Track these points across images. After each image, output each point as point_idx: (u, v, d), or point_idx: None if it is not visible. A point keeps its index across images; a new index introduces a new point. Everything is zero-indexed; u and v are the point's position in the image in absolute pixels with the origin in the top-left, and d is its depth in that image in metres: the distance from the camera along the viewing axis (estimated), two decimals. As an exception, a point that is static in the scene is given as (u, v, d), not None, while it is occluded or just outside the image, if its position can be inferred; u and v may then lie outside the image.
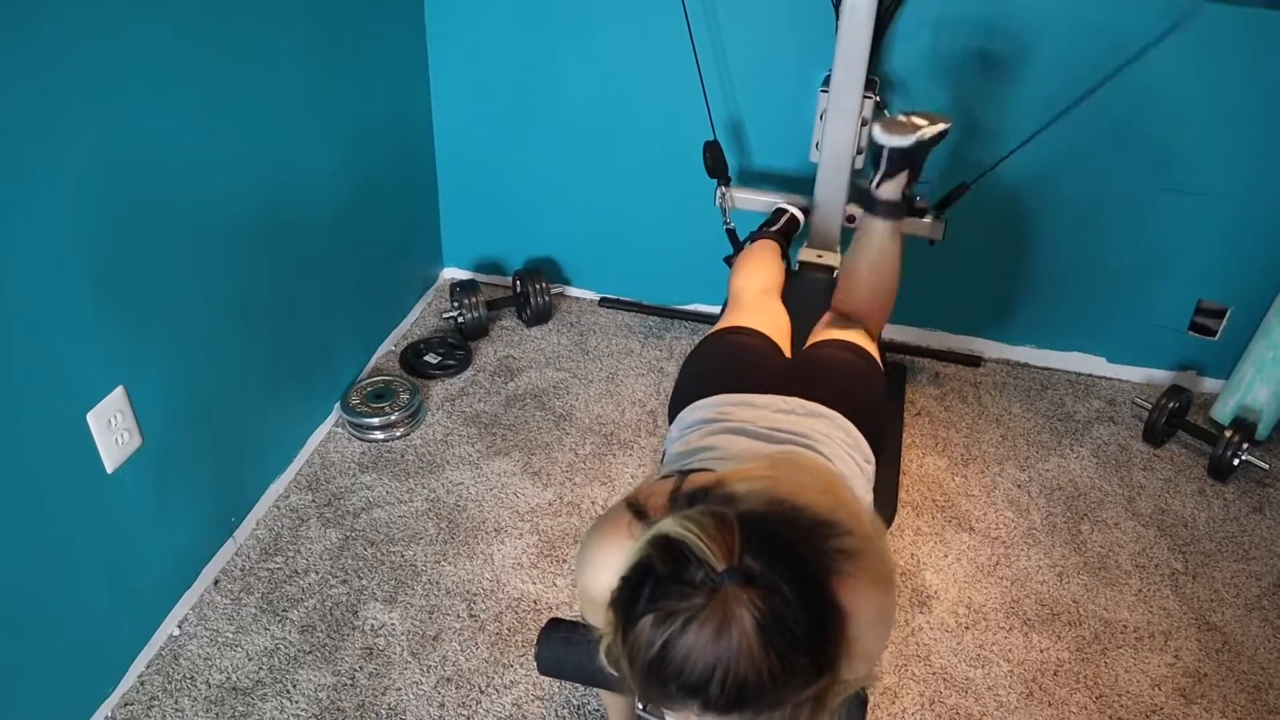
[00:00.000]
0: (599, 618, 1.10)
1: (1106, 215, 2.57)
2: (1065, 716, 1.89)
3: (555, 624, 1.31)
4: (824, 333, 1.80)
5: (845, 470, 1.39)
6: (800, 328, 1.88)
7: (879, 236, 1.78)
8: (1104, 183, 2.52)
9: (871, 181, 1.81)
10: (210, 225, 1.89)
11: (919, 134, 1.74)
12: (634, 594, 0.95)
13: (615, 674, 1.09)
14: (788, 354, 1.77)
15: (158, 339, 1.80)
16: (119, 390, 1.70)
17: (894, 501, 2.30)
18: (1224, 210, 2.50)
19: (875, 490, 1.52)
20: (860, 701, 1.23)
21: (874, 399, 1.62)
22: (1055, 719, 1.89)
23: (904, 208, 1.80)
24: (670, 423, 1.59)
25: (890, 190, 1.78)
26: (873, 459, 1.50)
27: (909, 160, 1.77)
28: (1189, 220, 2.53)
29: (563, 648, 1.28)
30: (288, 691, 1.85)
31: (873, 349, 1.75)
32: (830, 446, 1.40)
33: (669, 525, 0.96)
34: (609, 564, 1.03)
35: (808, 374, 1.62)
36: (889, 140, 1.75)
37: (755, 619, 0.90)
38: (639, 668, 0.94)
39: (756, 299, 1.93)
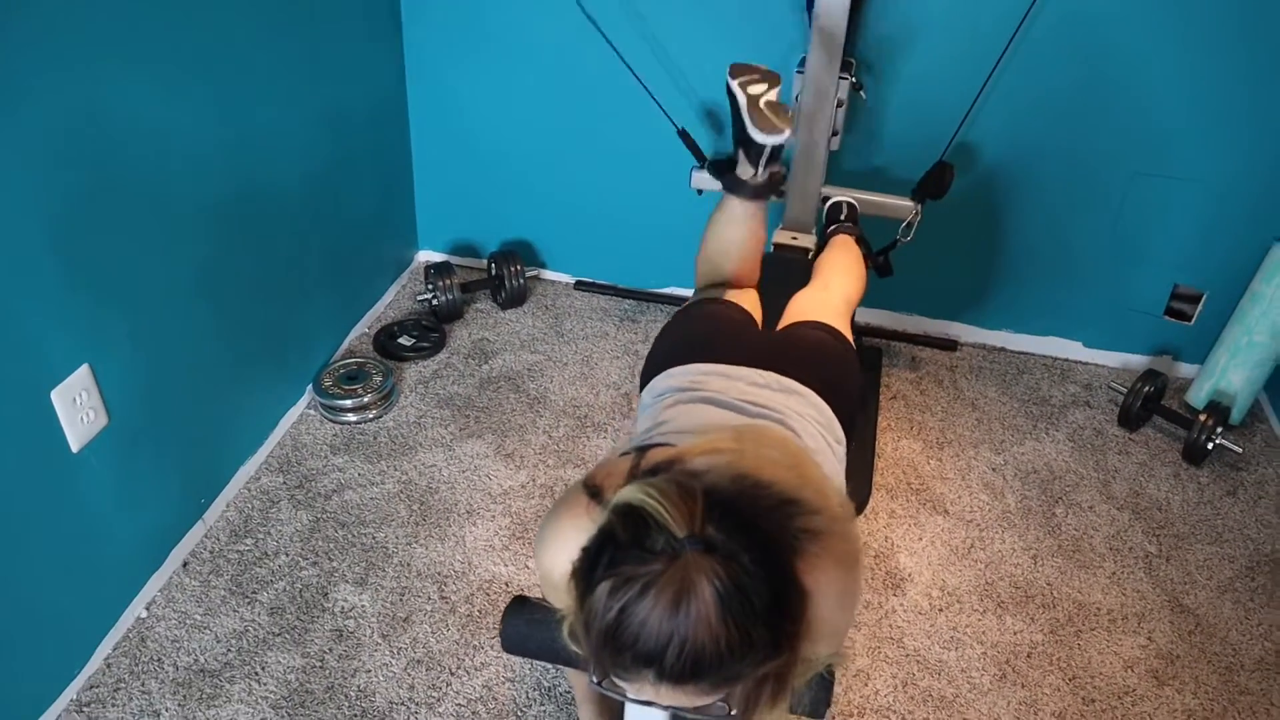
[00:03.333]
0: (560, 600, 1.09)
1: (1083, 200, 2.57)
2: (1038, 698, 1.89)
3: (520, 602, 1.29)
4: (800, 313, 1.79)
5: (815, 448, 1.38)
6: (773, 308, 1.86)
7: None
8: (1081, 167, 2.52)
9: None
10: (178, 202, 1.86)
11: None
12: (594, 561, 0.94)
13: (579, 653, 1.07)
14: (760, 325, 1.76)
15: (124, 317, 1.77)
16: (84, 368, 1.68)
17: (869, 484, 2.30)
18: (1201, 195, 2.50)
19: (850, 473, 1.51)
20: (826, 682, 1.22)
21: (848, 381, 1.61)
22: (1028, 701, 1.89)
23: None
24: (642, 389, 1.57)
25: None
26: (844, 440, 1.49)
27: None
28: (1166, 205, 2.53)
29: (527, 626, 1.26)
30: (256, 674, 1.84)
31: (848, 332, 1.74)
32: (802, 424, 1.39)
33: (631, 493, 0.95)
34: (567, 546, 1.02)
35: (785, 351, 1.61)
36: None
37: (714, 588, 0.89)
38: (595, 635, 0.93)
39: (734, 260, 1.87)
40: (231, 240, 2.06)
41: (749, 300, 1.81)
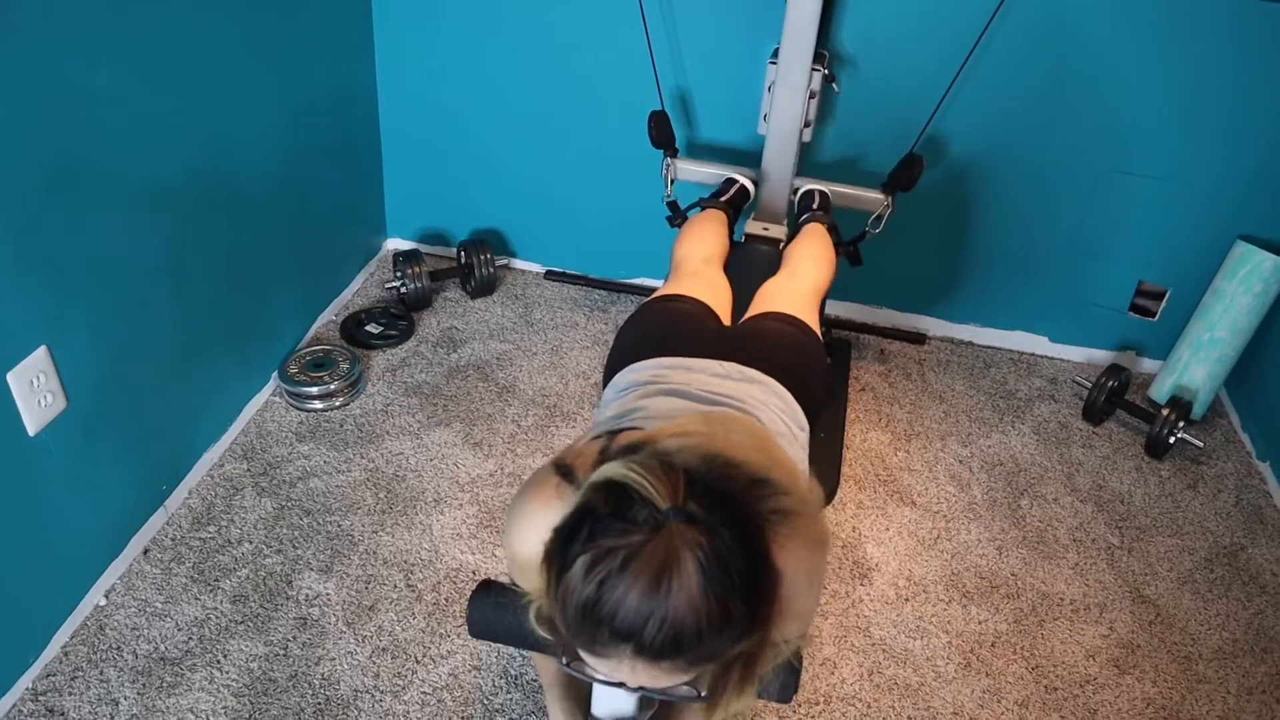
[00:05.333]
0: (529, 582, 1.08)
1: (1051, 196, 2.59)
2: (1002, 687, 1.91)
3: (487, 586, 1.29)
4: (767, 302, 1.79)
5: (780, 433, 1.38)
6: (743, 299, 1.86)
7: None
8: (1049, 164, 2.54)
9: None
10: (142, 184, 1.83)
11: None
12: (571, 536, 0.93)
13: (546, 636, 1.07)
14: (727, 323, 1.76)
15: (85, 299, 1.74)
16: (42, 350, 1.64)
17: (837, 475, 2.31)
18: (1165, 192, 2.52)
19: (819, 463, 1.51)
20: (793, 668, 1.22)
21: (811, 369, 1.61)
22: (992, 689, 1.90)
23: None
24: (604, 387, 1.57)
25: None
26: (807, 427, 1.49)
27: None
28: (1131, 202, 2.56)
29: (494, 610, 1.26)
30: (218, 662, 1.81)
31: (813, 323, 1.74)
32: (764, 412, 1.39)
33: (612, 469, 0.95)
34: (536, 526, 1.01)
35: (745, 342, 1.61)
36: None
37: (698, 559, 0.88)
38: (572, 610, 0.92)
39: (698, 268, 1.91)
40: (196, 223, 2.02)
41: (712, 288, 1.82)
